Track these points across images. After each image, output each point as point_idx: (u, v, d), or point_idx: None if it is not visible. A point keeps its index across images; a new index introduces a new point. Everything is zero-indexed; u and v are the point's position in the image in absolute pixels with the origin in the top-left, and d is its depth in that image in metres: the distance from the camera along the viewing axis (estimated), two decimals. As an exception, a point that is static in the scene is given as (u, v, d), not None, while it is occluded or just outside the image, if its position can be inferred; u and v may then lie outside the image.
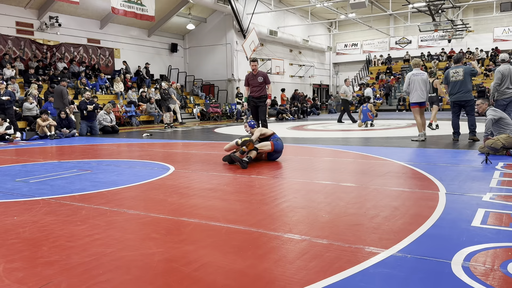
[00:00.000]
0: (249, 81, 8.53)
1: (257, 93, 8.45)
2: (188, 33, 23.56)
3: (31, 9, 16.20)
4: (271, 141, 6.27)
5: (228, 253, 2.56)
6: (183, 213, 3.50)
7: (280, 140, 6.45)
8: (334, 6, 25.62)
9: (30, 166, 6.43)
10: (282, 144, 6.43)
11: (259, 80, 8.39)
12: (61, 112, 11.93)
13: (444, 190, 4.08)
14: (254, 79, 8.43)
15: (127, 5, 15.94)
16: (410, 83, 8.52)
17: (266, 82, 8.47)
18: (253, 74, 8.47)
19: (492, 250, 2.52)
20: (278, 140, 6.38)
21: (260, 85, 8.42)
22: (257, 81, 8.41)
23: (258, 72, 8.46)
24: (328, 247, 2.63)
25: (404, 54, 31.33)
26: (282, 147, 6.43)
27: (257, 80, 8.41)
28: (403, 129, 12.16)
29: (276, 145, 6.27)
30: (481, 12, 28.21)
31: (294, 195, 4.10)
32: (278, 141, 6.34)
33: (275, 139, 6.37)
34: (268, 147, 6.21)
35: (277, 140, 6.36)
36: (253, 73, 8.46)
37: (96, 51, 18.79)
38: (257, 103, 8.55)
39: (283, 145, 6.47)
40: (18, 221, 3.35)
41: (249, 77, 8.55)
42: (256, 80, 8.41)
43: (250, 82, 8.52)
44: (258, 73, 8.46)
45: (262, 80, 8.41)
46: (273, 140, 6.31)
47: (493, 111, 6.64)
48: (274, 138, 6.41)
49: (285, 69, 26.24)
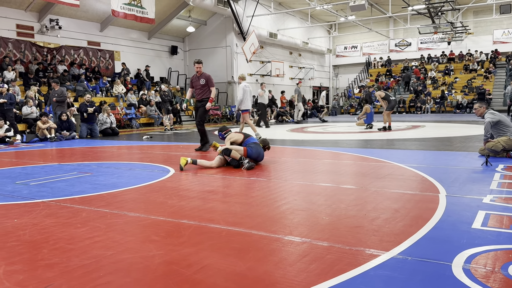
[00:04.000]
0: (193, 82, 8.24)
1: (198, 96, 8.15)
2: (188, 36, 23.60)
3: (31, 11, 16.22)
4: (245, 147, 6.04)
5: (228, 255, 2.56)
6: (183, 215, 3.50)
7: (256, 146, 6.12)
8: (334, 8, 25.64)
9: (30, 168, 6.43)
10: (258, 152, 6.08)
11: (201, 82, 8.09)
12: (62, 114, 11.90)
13: (445, 192, 4.08)
14: (197, 81, 8.13)
15: (127, 8, 15.97)
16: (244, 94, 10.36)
17: (209, 85, 8.14)
18: (197, 76, 8.15)
19: (493, 252, 2.52)
20: (252, 146, 6.05)
21: (202, 87, 8.11)
22: (199, 83, 8.11)
23: (202, 74, 8.13)
24: (328, 249, 2.63)
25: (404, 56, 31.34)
26: (258, 153, 6.09)
27: (199, 82, 8.10)
28: (403, 131, 12.16)
29: (249, 151, 5.99)
30: (480, 14, 28.26)
31: (294, 197, 4.10)
32: (252, 148, 6.03)
33: (249, 145, 6.08)
34: (241, 151, 5.98)
35: (250, 147, 6.04)
36: (197, 75, 8.14)
37: (96, 54, 18.81)
38: (197, 105, 8.26)
39: (259, 151, 6.12)
40: (18, 223, 3.35)
41: (193, 79, 8.26)
42: (199, 82, 8.11)
43: (194, 84, 8.22)
44: (201, 75, 8.12)
45: (205, 83, 8.09)
46: (246, 146, 6.07)
47: (491, 114, 6.63)
48: (248, 143, 6.14)
49: (285, 71, 26.26)
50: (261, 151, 6.16)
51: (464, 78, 27.45)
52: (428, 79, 28.58)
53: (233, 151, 5.91)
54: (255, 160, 6.10)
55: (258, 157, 6.12)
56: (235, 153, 5.90)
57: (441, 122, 15.96)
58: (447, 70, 28.69)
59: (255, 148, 6.07)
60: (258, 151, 6.10)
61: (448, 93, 26.25)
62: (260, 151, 6.14)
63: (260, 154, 6.14)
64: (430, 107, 25.55)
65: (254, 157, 6.05)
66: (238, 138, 6.24)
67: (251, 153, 6.01)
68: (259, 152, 6.12)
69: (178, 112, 18.22)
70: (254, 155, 6.04)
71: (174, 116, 17.16)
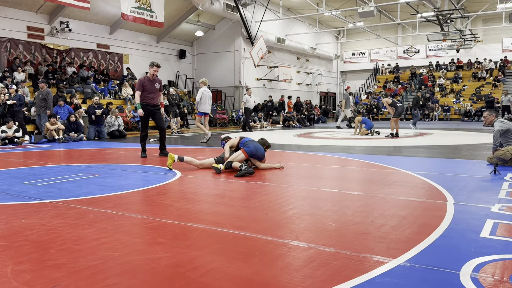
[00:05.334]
0: (145, 86, 7.66)
1: (153, 100, 7.74)
2: (196, 40, 23.71)
3: (42, 14, 16.40)
4: (242, 149, 6.09)
5: (235, 259, 2.56)
6: (189, 218, 3.50)
7: (251, 142, 6.19)
8: (342, 14, 25.68)
9: (38, 169, 6.47)
10: (255, 146, 6.13)
11: (156, 86, 7.75)
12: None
13: (452, 200, 4.06)
14: (152, 84, 7.72)
15: (137, 12, 16.09)
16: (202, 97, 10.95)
17: (161, 90, 7.93)
18: (149, 79, 7.71)
19: (502, 261, 2.50)
20: (248, 144, 6.13)
21: (156, 92, 7.80)
22: (155, 87, 7.75)
23: (156, 78, 7.82)
24: (335, 255, 2.62)
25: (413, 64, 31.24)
26: (257, 148, 6.13)
27: (154, 86, 7.74)
28: (411, 138, 12.10)
29: (248, 151, 6.05)
30: (490, 22, 28.14)
31: (300, 203, 4.09)
32: (249, 147, 6.09)
33: (245, 145, 6.14)
34: (241, 156, 6.02)
35: (247, 145, 6.12)
36: (150, 78, 7.72)
37: (105, 56, 18.96)
38: (153, 111, 7.79)
39: (257, 146, 6.17)
40: (26, 223, 3.37)
41: (144, 82, 7.68)
42: (154, 86, 7.77)
43: (147, 87, 7.67)
44: (155, 78, 7.78)
45: (159, 87, 7.83)
46: (243, 148, 6.11)
47: (500, 123, 6.58)
48: (243, 143, 6.21)
49: (292, 76, 26.29)
50: (258, 146, 6.20)
51: (472, 86, 27.31)
52: (436, 86, 28.47)
53: (234, 162, 5.96)
54: (258, 156, 6.15)
55: (258, 151, 6.15)
56: (236, 163, 5.95)
57: (449, 129, 15.87)
58: (456, 77, 28.56)
59: (251, 144, 6.15)
60: (255, 146, 6.16)
61: (456, 100, 26.12)
62: (257, 145, 6.19)
63: (258, 148, 6.16)
64: (438, 114, 25.43)
65: (254, 152, 6.11)
66: (234, 141, 6.37)
67: (250, 150, 6.07)
68: (257, 147, 6.16)
69: (185, 115, 18.29)
70: (253, 151, 6.10)
71: (181, 119, 17.23)
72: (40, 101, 11.92)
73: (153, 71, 7.70)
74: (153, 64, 7.74)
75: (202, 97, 10.99)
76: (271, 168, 6.27)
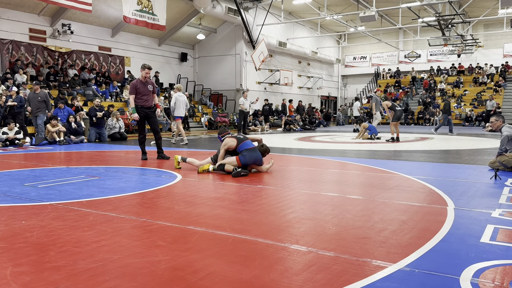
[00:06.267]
0: (138, 89, 7.68)
1: (148, 102, 7.76)
2: (198, 43, 23.76)
3: (44, 16, 16.45)
4: (237, 157, 6.02)
5: (234, 263, 2.55)
6: (189, 221, 3.50)
7: (250, 151, 6.05)
8: (343, 19, 25.72)
9: (39, 171, 6.48)
10: (251, 156, 6.01)
11: (149, 88, 7.78)
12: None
13: (453, 205, 4.05)
14: (144, 87, 7.71)
15: (139, 14, 16.13)
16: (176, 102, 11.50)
17: (154, 92, 7.93)
18: (142, 81, 7.73)
19: (502, 267, 2.49)
20: (245, 154, 6.00)
21: (150, 94, 7.82)
22: (148, 89, 7.74)
23: (148, 79, 7.80)
24: (335, 259, 2.61)
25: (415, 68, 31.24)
26: (253, 159, 6.03)
27: (147, 88, 7.73)
28: (411, 143, 12.10)
29: (242, 161, 5.96)
30: (491, 27, 28.18)
31: (301, 206, 4.09)
32: (244, 156, 5.98)
33: (242, 153, 6.03)
34: (234, 163, 5.98)
35: (243, 155, 5.99)
36: (142, 80, 7.73)
37: (107, 59, 19.00)
38: (148, 113, 7.82)
39: (253, 155, 6.04)
40: (26, 225, 3.37)
41: (137, 85, 7.70)
42: (147, 88, 7.73)
43: (140, 90, 7.68)
44: (148, 80, 7.79)
45: (152, 88, 7.85)
46: (239, 156, 6.02)
47: (509, 128, 6.53)
48: (241, 149, 6.08)
49: (294, 80, 26.32)
50: (256, 156, 6.09)
51: (473, 91, 27.31)
52: (437, 91, 28.47)
53: (226, 165, 5.99)
54: (253, 165, 6.12)
55: (255, 162, 6.08)
56: (228, 166, 5.96)
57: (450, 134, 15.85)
58: (457, 82, 28.56)
59: (248, 155, 6.02)
60: (252, 157, 6.04)
61: (457, 105, 26.12)
62: (255, 156, 6.07)
63: (256, 159, 6.08)
64: (439, 119, 25.40)
65: (250, 163, 6.05)
66: (232, 144, 6.18)
67: (245, 161, 6.00)
68: (254, 157, 6.06)
69: (186, 118, 18.29)
70: (249, 162, 6.03)
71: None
72: (39, 103, 11.86)
73: (144, 73, 7.76)
74: (145, 67, 7.81)
75: (176, 102, 11.57)
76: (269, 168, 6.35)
